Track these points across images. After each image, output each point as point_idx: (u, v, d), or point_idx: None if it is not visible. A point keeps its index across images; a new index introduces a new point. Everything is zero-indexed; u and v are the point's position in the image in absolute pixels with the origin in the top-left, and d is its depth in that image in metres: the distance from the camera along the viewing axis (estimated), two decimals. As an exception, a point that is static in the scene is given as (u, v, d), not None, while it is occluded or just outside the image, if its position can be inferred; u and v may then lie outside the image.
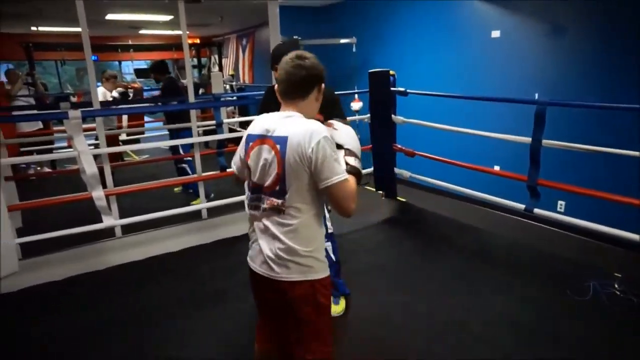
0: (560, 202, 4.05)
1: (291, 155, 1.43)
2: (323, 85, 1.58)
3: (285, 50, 2.49)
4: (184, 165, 4.76)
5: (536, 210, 3.05)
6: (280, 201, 1.47)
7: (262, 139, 1.52)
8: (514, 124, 3.70)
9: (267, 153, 1.49)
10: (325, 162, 1.42)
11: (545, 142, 2.89)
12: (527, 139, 2.96)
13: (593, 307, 2.63)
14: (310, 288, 1.52)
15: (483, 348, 2.32)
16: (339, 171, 1.45)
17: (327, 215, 2.51)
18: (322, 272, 1.55)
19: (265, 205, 1.51)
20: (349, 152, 1.61)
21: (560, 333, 2.43)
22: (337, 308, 2.69)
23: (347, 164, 1.56)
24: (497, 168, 4.40)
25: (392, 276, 3.12)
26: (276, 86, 1.57)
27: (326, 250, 2.49)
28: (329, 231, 2.60)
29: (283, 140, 1.45)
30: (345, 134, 1.66)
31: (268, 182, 1.49)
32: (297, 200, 1.46)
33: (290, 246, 1.48)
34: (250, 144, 1.56)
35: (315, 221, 1.54)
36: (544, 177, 3.00)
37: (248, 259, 1.64)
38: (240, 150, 1.65)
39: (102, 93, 5.43)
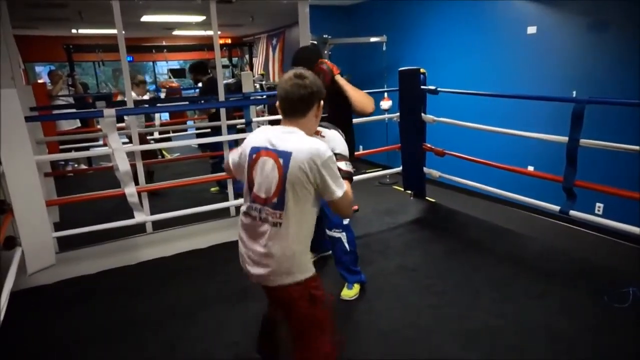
0: (598, 204, 3.89)
1: (294, 170, 1.50)
2: (322, 102, 1.65)
3: (305, 56, 2.51)
4: (216, 160, 4.84)
5: (572, 212, 2.93)
6: (278, 212, 1.55)
7: (266, 151, 1.58)
8: (548, 123, 3.59)
9: (270, 166, 1.56)
10: (331, 180, 1.53)
11: (583, 141, 2.77)
12: (564, 139, 2.84)
13: (633, 314, 2.50)
14: (303, 288, 1.63)
15: (517, 357, 2.24)
16: (342, 186, 1.57)
17: None
18: (310, 271, 1.67)
19: (263, 215, 1.59)
20: (341, 157, 1.69)
21: (598, 342, 2.31)
22: (350, 292, 2.83)
23: (339, 169, 1.61)
24: (530, 168, 4.26)
25: (420, 278, 3.06)
26: (277, 102, 1.63)
27: (340, 240, 2.69)
28: (345, 222, 2.74)
29: (287, 155, 1.52)
30: (332, 139, 1.74)
31: (269, 194, 1.56)
32: (293, 212, 1.54)
33: (283, 254, 1.58)
34: (254, 155, 1.62)
35: (307, 233, 1.64)
36: (581, 178, 2.87)
37: (241, 261, 1.75)
38: (242, 154, 1.70)
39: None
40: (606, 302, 2.61)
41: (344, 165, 1.68)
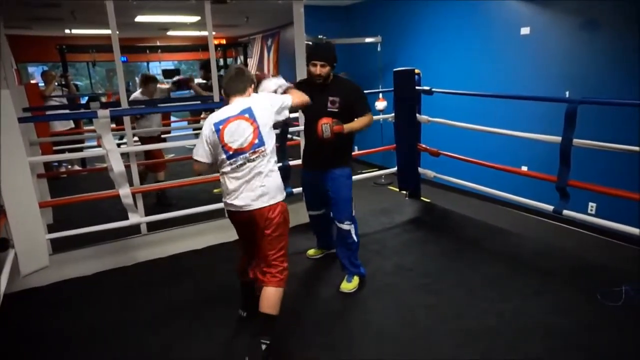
0: (591, 203, 3.92)
1: (260, 112, 2.16)
2: (253, 85, 2.28)
3: (323, 46, 2.80)
4: None
5: (565, 212, 2.95)
6: (262, 148, 2.16)
7: (230, 118, 2.14)
8: (542, 123, 3.61)
9: (242, 124, 2.14)
10: (280, 99, 2.30)
11: (576, 141, 2.79)
12: (557, 139, 2.87)
13: (625, 312, 2.52)
14: (282, 206, 2.26)
15: (514, 355, 2.25)
16: (288, 98, 2.35)
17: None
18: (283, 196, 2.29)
19: (251, 157, 2.15)
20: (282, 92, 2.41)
21: (593, 340, 2.33)
22: (349, 285, 2.92)
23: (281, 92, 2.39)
24: (524, 168, 4.29)
25: (417, 278, 3.07)
26: (224, 87, 2.26)
27: (349, 232, 2.86)
28: (352, 213, 2.91)
29: (249, 109, 2.16)
30: (272, 82, 2.42)
31: (249, 141, 2.14)
32: (269, 144, 2.19)
33: (274, 180, 2.22)
34: (220, 127, 2.14)
35: (275, 165, 2.27)
36: (574, 177, 2.90)
37: (232, 207, 2.26)
38: (207, 140, 2.18)
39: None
40: (599, 301, 2.63)
41: (278, 83, 2.43)
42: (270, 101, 2.24)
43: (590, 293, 2.72)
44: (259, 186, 2.18)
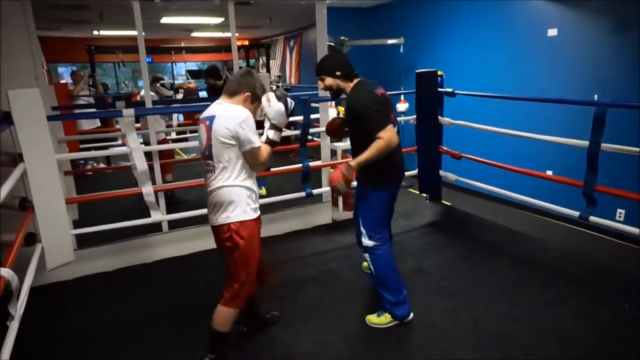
0: (619, 210, 3.81)
1: (217, 127, 1.95)
2: (248, 94, 2.05)
3: (320, 61, 2.52)
4: None
5: (592, 218, 2.87)
6: (210, 162, 2.01)
7: (201, 120, 2.07)
8: (568, 127, 3.52)
9: (203, 129, 2.03)
10: (247, 135, 1.94)
11: (604, 145, 2.71)
12: (584, 143, 2.79)
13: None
14: (232, 229, 2.02)
15: (531, 362, 2.20)
16: (257, 142, 1.98)
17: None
18: (239, 217, 2.03)
19: (205, 168, 2.07)
20: (273, 126, 2.09)
21: (616, 350, 2.26)
22: (373, 318, 2.60)
23: (267, 136, 2.08)
24: (549, 173, 4.20)
25: (435, 281, 3.04)
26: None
27: (369, 261, 2.53)
28: (366, 243, 2.51)
29: (212, 118, 1.99)
30: (274, 110, 2.08)
31: (202, 149, 2.05)
32: (218, 160, 1.98)
33: (223, 199, 2.02)
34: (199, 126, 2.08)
35: (234, 181, 2.02)
36: (602, 183, 2.82)
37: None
38: None
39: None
40: (627, 311, 2.55)
41: (272, 134, 2.09)
42: (238, 130, 1.93)
43: (616, 302, 2.64)
44: (209, 201, 2.08)
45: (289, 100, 2.11)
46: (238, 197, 2.02)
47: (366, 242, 2.48)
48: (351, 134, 2.47)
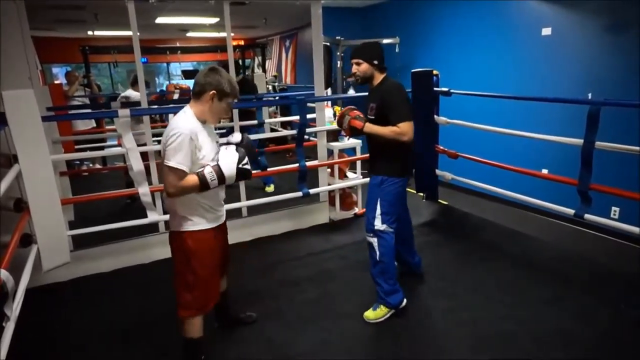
0: (614, 208, 3.83)
1: (165, 134, 1.88)
2: (214, 92, 1.91)
3: (361, 45, 2.62)
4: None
5: (587, 216, 2.88)
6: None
7: None
8: (562, 125, 3.54)
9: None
10: (168, 150, 1.82)
11: (598, 144, 2.72)
12: (579, 141, 2.81)
13: (649, 321, 2.45)
14: (177, 238, 2.01)
15: (531, 362, 2.20)
16: (171, 159, 1.82)
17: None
18: (183, 226, 1.98)
19: None
20: (217, 168, 1.90)
21: (615, 350, 2.27)
22: (370, 314, 2.62)
23: (202, 170, 1.89)
24: (545, 171, 4.22)
25: (433, 281, 3.04)
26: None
27: (372, 245, 2.61)
28: (377, 227, 2.57)
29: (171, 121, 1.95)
30: (226, 155, 1.94)
31: None
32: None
33: (169, 207, 2.03)
34: None
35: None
36: (597, 181, 2.83)
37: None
38: None
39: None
40: (623, 310, 2.56)
41: (207, 171, 1.88)
42: (167, 140, 1.84)
43: (612, 301, 2.65)
44: None
45: (245, 158, 1.97)
46: (180, 207, 1.96)
47: (378, 224, 2.55)
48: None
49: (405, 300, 2.65)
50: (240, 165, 1.93)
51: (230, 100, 1.97)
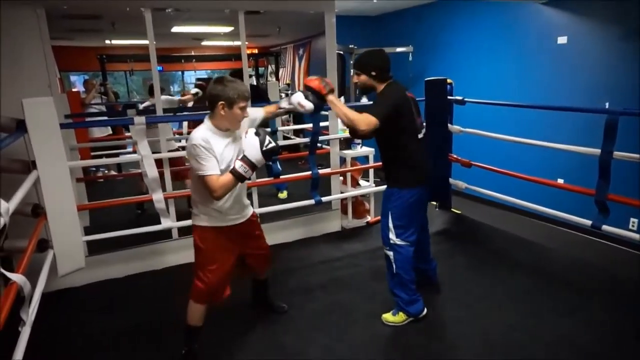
0: (632, 219, 3.76)
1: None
2: (222, 103, 2.02)
3: (360, 55, 2.61)
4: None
5: (604, 227, 2.83)
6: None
7: None
8: (579, 135, 3.49)
9: None
10: (194, 160, 2.00)
11: (616, 154, 2.68)
12: (596, 151, 2.76)
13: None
14: (194, 231, 2.26)
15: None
16: (203, 169, 1.99)
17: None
18: (198, 221, 2.23)
19: None
20: (244, 159, 2.02)
21: (631, 362, 2.22)
22: (389, 317, 2.66)
23: (235, 166, 2.02)
24: (560, 181, 4.16)
25: (445, 290, 3.01)
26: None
27: (389, 259, 2.60)
28: (392, 241, 2.54)
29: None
30: (248, 144, 2.02)
31: None
32: (192, 175, 2.12)
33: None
34: None
35: (199, 193, 2.15)
36: (615, 191, 2.78)
37: None
38: None
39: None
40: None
41: (239, 166, 2.01)
42: (188, 153, 2.06)
43: (627, 314, 2.59)
44: None
45: (267, 138, 2.04)
46: (201, 206, 2.19)
47: (393, 238, 2.53)
48: (377, 136, 2.48)
49: (425, 310, 2.64)
50: (264, 148, 2.01)
51: (241, 104, 2.05)
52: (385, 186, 2.67)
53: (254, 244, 2.45)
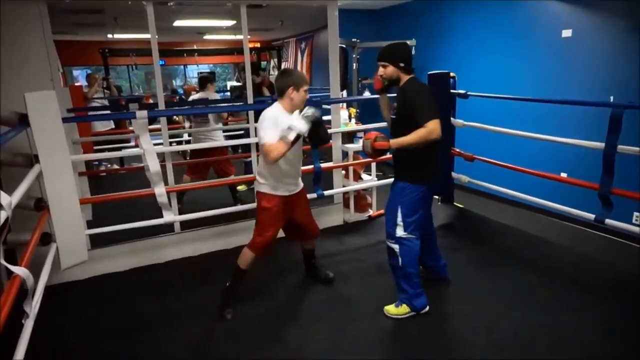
0: (636, 213, 3.74)
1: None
2: (292, 87, 2.53)
3: (387, 47, 2.65)
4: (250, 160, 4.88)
5: (608, 221, 2.82)
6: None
7: None
8: (583, 128, 3.47)
9: None
10: (261, 132, 2.45)
11: (620, 147, 2.66)
12: (600, 145, 2.75)
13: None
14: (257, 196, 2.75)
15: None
16: (265, 138, 2.42)
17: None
18: (261, 188, 2.70)
19: None
20: (292, 128, 2.39)
21: None
22: (392, 309, 2.66)
23: (284, 136, 2.41)
24: (564, 175, 4.14)
25: (448, 286, 3.00)
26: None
27: (393, 251, 2.60)
28: (398, 234, 2.54)
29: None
30: (294, 116, 2.49)
31: None
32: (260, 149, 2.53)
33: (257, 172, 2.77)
34: None
35: (264, 165, 2.63)
36: (619, 185, 2.76)
37: None
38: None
39: None
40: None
41: (287, 132, 2.39)
42: (259, 125, 2.56)
43: (634, 310, 2.57)
44: None
45: (306, 108, 2.47)
46: (265, 175, 2.65)
47: (399, 232, 2.52)
48: (398, 129, 2.46)
49: (428, 307, 2.64)
50: (303, 114, 2.42)
51: (305, 87, 2.57)
52: (392, 179, 2.67)
53: (304, 213, 2.89)
